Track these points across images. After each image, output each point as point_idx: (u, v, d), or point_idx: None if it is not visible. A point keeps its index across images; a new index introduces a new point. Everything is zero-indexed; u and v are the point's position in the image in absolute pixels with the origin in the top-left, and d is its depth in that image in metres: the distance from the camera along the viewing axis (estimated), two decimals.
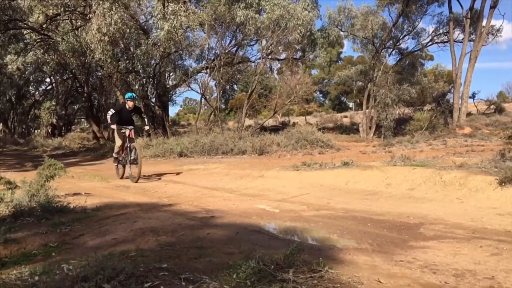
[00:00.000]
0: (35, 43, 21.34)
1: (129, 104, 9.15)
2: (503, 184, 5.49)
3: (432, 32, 23.77)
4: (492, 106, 24.88)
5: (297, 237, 4.18)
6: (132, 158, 8.84)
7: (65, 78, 29.00)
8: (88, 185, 8.32)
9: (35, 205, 5.00)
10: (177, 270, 2.67)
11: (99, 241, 3.85)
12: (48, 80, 32.48)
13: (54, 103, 30.11)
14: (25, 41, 22.41)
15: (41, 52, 22.17)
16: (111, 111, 9.18)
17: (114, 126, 8.97)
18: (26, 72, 28.70)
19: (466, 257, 3.28)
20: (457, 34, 21.77)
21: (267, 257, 2.78)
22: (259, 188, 7.53)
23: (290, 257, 2.77)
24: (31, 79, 31.13)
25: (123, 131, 9.09)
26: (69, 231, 4.31)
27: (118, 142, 9.28)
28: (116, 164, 9.73)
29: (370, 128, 22.13)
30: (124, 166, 9.44)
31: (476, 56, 18.61)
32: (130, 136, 8.95)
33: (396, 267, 3.05)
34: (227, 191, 7.43)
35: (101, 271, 2.32)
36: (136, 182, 8.48)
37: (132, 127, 9.17)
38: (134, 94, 9.82)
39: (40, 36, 20.01)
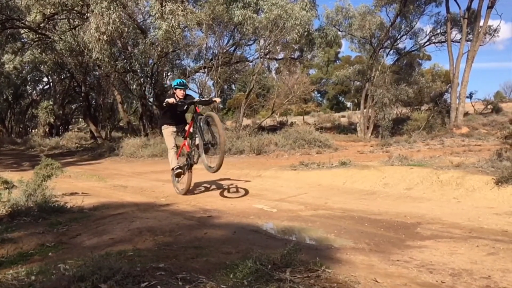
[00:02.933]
0: (32, 42, 21.27)
1: (178, 94, 6.67)
2: (500, 183, 5.51)
3: (430, 32, 23.81)
4: (489, 106, 24.94)
5: (294, 237, 4.19)
6: (206, 141, 6.12)
7: (62, 77, 28.89)
8: (85, 185, 8.31)
9: (32, 205, 4.99)
10: (174, 270, 2.67)
11: (96, 241, 3.84)
12: (45, 79, 32.41)
13: (51, 103, 30.02)
14: (23, 40, 22.34)
15: (39, 51, 22.09)
16: (168, 99, 6.56)
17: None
18: (24, 72, 28.61)
19: (462, 256, 3.29)
20: (455, 34, 21.81)
21: (264, 257, 2.78)
22: (257, 187, 7.53)
23: (287, 257, 2.78)
24: (29, 78, 31.05)
25: (174, 129, 6.91)
26: (66, 230, 4.30)
27: (171, 142, 6.86)
28: (175, 174, 6.82)
29: (367, 128, 22.14)
30: (191, 167, 6.80)
31: (474, 56, 18.64)
32: (197, 110, 6.49)
33: (393, 267, 3.06)
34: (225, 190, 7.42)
35: (98, 271, 2.32)
36: (215, 172, 6.00)
37: (185, 124, 7.00)
38: (184, 80, 6.90)
39: (37, 36, 19.95)
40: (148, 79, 18.46)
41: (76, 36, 17.45)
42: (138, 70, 17.85)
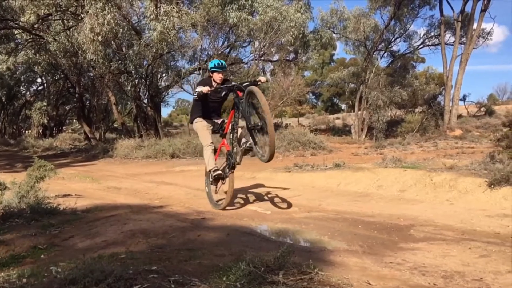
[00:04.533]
0: (26, 43, 21.16)
1: (216, 78, 5.48)
2: (492, 186, 5.54)
3: (424, 35, 23.95)
4: (482, 109, 25.07)
5: (288, 239, 4.19)
6: (252, 124, 4.89)
7: (56, 78, 28.77)
8: (78, 187, 8.27)
9: (24, 207, 4.97)
10: (167, 272, 2.66)
11: (89, 243, 3.83)
12: (39, 80, 32.27)
13: (45, 104, 29.90)
14: (16, 41, 22.18)
15: (32, 52, 22.01)
16: (199, 88, 5.38)
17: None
18: (17, 72, 28.51)
19: (455, 258, 3.31)
20: (448, 37, 21.94)
21: (257, 259, 2.77)
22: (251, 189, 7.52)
23: (281, 259, 2.78)
24: (22, 79, 30.90)
25: (210, 124, 5.69)
26: (58, 233, 4.28)
27: (207, 138, 5.63)
28: (213, 178, 5.53)
29: (362, 130, 22.22)
30: (234, 168, 5.50)
31: (467, 58, 18.76)
32: (239, 93, 5.24)
33: (385, 269, 3.06)
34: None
35: (90, 274, 2.31)
36: (268, 161, 4.73)
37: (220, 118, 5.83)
38: (223, 62, 5.64)
39: (31, 36, 19.85)
40: (143, 80, 18.42)
41: (70, 37, 17.40)
42: (133, 71, 17.80)
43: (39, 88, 33.46)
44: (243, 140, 5.45)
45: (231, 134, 5.45)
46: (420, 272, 2.98)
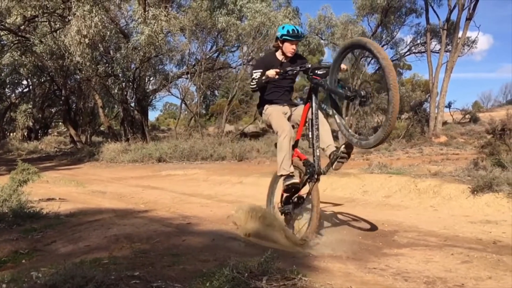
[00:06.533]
0: (12, 44, 20.88)
1: (287, 49, 4.16)
2: (475, 192, 5.61)
3: (410, 42, 24.23)
4: (467, 116, 25.42)
5: (273, 244, 4.18)
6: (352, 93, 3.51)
7: (42, 80, 28.41)
8: (63, 190, 8.18)
9: (6, 211, 4.89)
10: (149, 278, 2.64)
11: (72, 248, 3.78)
12: (24, 82, 31.79)
13: (30, 106, 29.51)
14: (2, 42, 21.90)
15: (18, 54, 21.72)
16: (256, 73, 4.09)
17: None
18: (2, 74, 28.04)
19: (437, 264, 3.34)
20: (434, 44, 22.23)
21: (241, 265, 2.76)
22: (237, 194, 7.52)
23: (264, 265, 2.77)
24: (7, 81, 30.41)
25: (285, 109, 4.29)
26: (41, 237, 4.22)
27: (283, 123, 4.16)
28: (285, 188, 4.16)
29: None
30: (318, 180, 4.10)
31: (452, 66, 19.01)
32: (315, 77, 3.92)
33: (369, 275, 3.08)
34: (205, 197, 7.40)
35: (70, 280, 2.28)
36: (372, 147, 3.54)
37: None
38: (299, 28, 4.21)
39: (17, 38, 19.61)
40: (130, 83, 18.32)
41: (57, 39, 17.24)
42: (120, 75, 17.71)
43: (25, 90, 33.00)
44: (317, 157, 4.01)
45: (311, 133, 4.02)
46: (403, 277, 3.00)
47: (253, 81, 4.07)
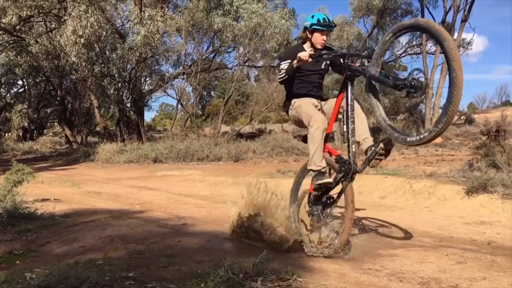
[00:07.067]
0: (7, 44, 20.77)
1: (317, 40, 3.79)
2: (470, 193, 5.63)
3: (406, 43, 24.32)
4: (462, 117, 25.53)
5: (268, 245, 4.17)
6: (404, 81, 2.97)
7: (38, 81, 28.31)
8: (58, 191, 8.14)
9: (1, 211, 4.88)
10: (144, 279, 2.64)
11: (66, 249, 3.77)
12: (20, 82, 31.65)
13: (26, 106, 29.41)
14: None
15: (14, 54, 21.62)
16: (284, 64, 3.73)
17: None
18: None
19: (432, 265, 3.35)
20: (430, 46, 22.32)
21: (236, 266, 2.77)
22: (233, 195, 7.50)
23: (259, 266, 2.78)
24: (3, 81, 30.23)
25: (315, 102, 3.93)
26: (35, 238, 4.21)
27: (314, 112, 3.75)
28: (315, 188, 3.73)
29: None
30: (352, 179, 3.61)
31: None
32: (352, 64, 3.57)
33: (364, 275, 3.08)
34: (201, 198, 7.39)
35: (64, 281, 2.27)
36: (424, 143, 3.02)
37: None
38: (330, 17, 3.81)
39: (12, 38, 19.52)
40: (126, 84, 18.27)
41: (53, 39, 17.17)
42: (116, 75, 17.66)
43: (20, 90, 32.85)
44: (353, 154, 3.57)
45: (347, 128, 3.56)
46: (398, 278, 3.01)
47: (282, 71, 3.75)
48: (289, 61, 3.71)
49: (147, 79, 20.96)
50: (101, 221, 4.90)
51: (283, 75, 3.74)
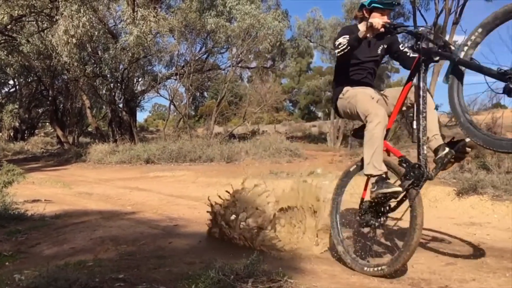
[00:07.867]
0: None
1: (376, 23, 3.09)
2: (460, 195, 5.68)
3: None
4: (453, 119, 25.67)
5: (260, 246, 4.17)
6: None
7: (29, 80, 28.04)
8: (49, 192, 8.08)
9: None
10: (134, 280, 2.63)
11: (56, 250, 3.74)
12: (11, 82, 31.39)
13: (17, 106, 29.09)
14: None
15: (5, 53, 21.44)
16: (343, 38, 3.21)
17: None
18: None
19: (422, 266, 3.37)
20: None
21: (227, 267, 2.77)
22: (226, 196, 7.49)
23: (250, 267, 2.78)
24: None
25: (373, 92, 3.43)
26: (25, 239, 4.17)
27: (373, 105, 3.24)
28: (374, 196, 3.23)
29: (337, 137, 22.46)
30: (420, 187, 3.09)
31: (439, 70, 19.22)
32: (429, 49, 2.97)
33: (354, 277, 3.09)
34: (193, 199, 7.36)
35: (53, 282, 2.26)
36: None
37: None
38: None
39: (4, 37, 19.37)
40: (118, 84, 18.19)
41: (44, 39, 17.06)
42: (108, 75, 17.58)
43: (11, 90, 32.59)
44: (424, 157, 3.04)
45: (416, 123, 3.05)
46: (388, 279, 3.02)
47: (340, 45, 3.18)
48: (348, 35, 3.21)
49: (140, 79, 20.87)
50: (92, 222, 4.88)
51: (344, 47, 3.15)
